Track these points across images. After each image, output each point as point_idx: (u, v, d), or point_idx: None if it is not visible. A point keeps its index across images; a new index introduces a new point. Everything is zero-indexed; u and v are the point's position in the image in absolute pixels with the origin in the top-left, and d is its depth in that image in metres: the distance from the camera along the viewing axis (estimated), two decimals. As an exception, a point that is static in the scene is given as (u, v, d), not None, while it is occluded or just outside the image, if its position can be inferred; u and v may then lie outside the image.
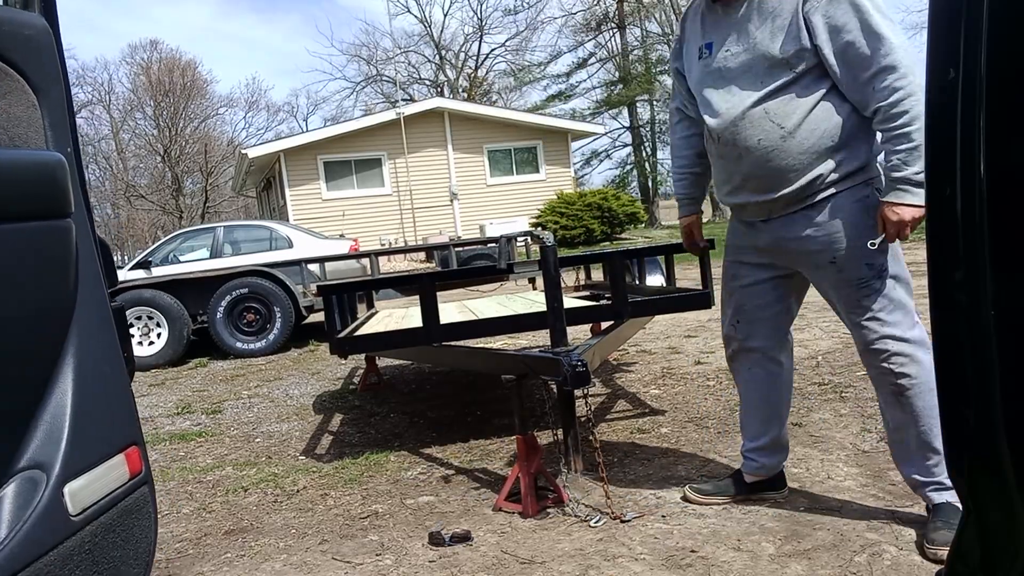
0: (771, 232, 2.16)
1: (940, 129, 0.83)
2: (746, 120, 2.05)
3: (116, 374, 1.41)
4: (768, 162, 2.04)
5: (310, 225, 15.15)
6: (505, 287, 7.83)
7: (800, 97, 1.99)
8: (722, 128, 2.10)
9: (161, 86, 39.75)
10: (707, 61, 2.15)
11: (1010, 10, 0.76)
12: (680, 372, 4.53)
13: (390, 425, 3.97)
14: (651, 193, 33.72)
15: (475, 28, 39.33)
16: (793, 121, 1.99)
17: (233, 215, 42.30)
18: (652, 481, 2.73)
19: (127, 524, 1.38)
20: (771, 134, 2.01)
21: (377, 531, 2.54)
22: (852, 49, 1.89)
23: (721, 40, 2.12)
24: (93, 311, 1.35)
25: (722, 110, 2.10)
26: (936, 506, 2.04)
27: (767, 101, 2.01)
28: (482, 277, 6.75)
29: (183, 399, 5.41)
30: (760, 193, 2.10)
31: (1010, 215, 0.77)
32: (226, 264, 8.88)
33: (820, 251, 2.06)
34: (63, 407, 1.26)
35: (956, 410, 0.87)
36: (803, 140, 1.99)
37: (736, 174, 2.14)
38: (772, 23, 1.99)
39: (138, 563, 1.40)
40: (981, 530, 0.86)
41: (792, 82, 1.99)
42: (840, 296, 2.09)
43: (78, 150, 1.42)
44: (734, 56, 2.07)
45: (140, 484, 1.42)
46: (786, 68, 1.98)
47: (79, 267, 1.32)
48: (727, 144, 2.11)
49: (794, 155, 2.01)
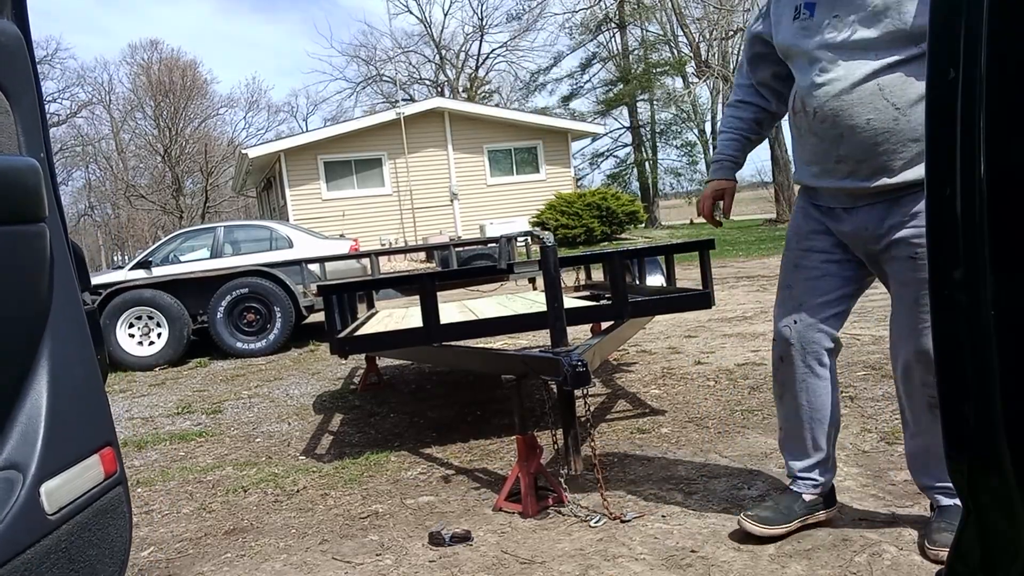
0: (853, 221, 1.97)
1: (940, 129, 0.83)
2: (855, 95, 1.82)
3: (90, 376, 1.44)
4: (876, 146, 1.83)
5: (310, 225, 15.15)
6: (505, 287, 7.83)
7: (921, 76, 1.75)
8: (822, 101, 1.87)
9: (161, 86, 39.78)
10: (806, 23, 1.92)
11: (1010, 10, 0.76)
12: (680, 372, 4.53)
13: (390, 425, 3.97)
14: (651, 193, 33.71)
15: (475, 28, 39.37)
16: (910, 99, 1.78)
17: (233, 215, 42.32)
18: (652, 481, 2.73)
19: (103, 523, 1.40)
20: (884, 114, 1.80)
21: (377, 531, 2.54)
22: None
23: (829, 3, 1.88)
24: (67, 314, 1.38)
25: (824, 80, 1.86)
26: (942, 507, 2.01)
27: (883, 75, 1.79)
28: (482, 277, 6.76)
29: (183, 399, 5.41)
30: (858, 179, 1.89)
31: (1010, 215, 0.77)
32: (226, 264, 8.88)
33: (904, 243, 1.89)
34: (38, 408, 1.28)
35: (956, 410, 0.87)
36: (918, 124, 1.78)
37: (831, 154, 1.91)
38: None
39: (113, 562, 1.43)
40: (981, 530, 0.86)
41: (914, 59, 1.78)
42: (908, 296, 1.92)
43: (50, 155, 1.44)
44: (845, 23, 1.84)
45: (115, 484, 1.45)
46: (910, 42, 1.77)
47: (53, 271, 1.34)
48: (825, 120, 1.88)
49: (905, 140, 1.81)
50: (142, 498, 3.18)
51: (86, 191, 48.16)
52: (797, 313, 2.10)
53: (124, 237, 48.02)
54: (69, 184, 48.77)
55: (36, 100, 1.39)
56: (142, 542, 2.68)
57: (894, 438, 2.92)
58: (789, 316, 2.12)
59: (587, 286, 5.01)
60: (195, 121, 41.91)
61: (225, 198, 42.56)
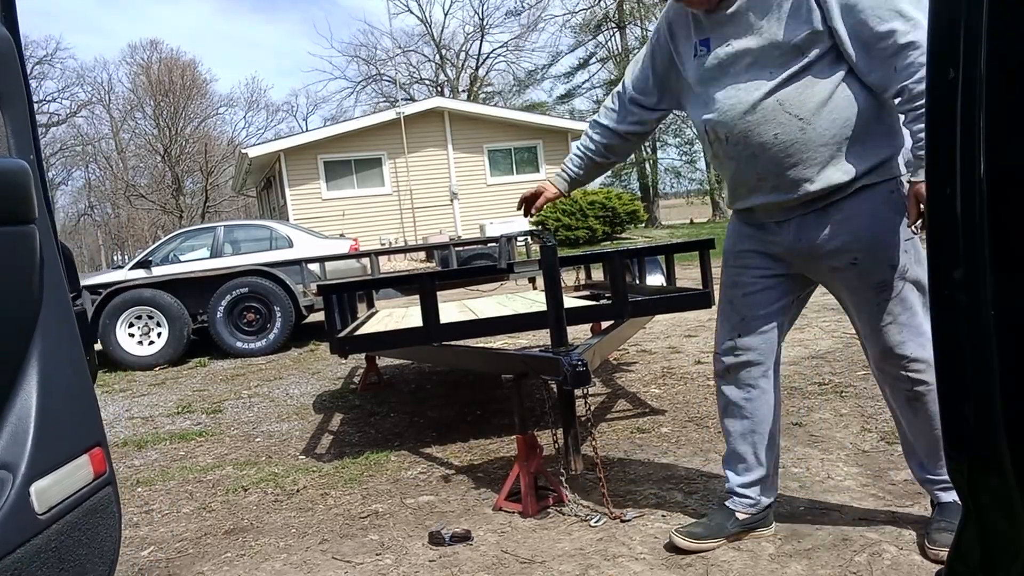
0: (787, 234, 2.01)
1: (940, 129, 0.83)
2: (758, 114, 1.89)
3: (80, 377, 1.45)
4: (789, 157, 1.89)
5: (310, 225, 15.15)
6: (505, 287, 7.83)
7: (816, 84, 1.84)
8: (730, 126, 1.94)
9: (161, 86, 39.78)
10: (703, 59, 2.00)
11: (1010, 10, 0.76)
12: (680, 372, 4.52)
13: (390, 425, 3.97)
14: (651, 193, 33.72)
15: (476, 28, 39.36)
16: (810, 108, 1.85)
17: (233, 215, 42.31)
18: (652, 481, 2.73)
19: (92, 523, 1.42)
20: (788, 127, 1.87)
21: (377, 531, 2.54)
22: (867, 28, 1.75)
23: (720, 36, 1.96)
24: (57, 315, 1.39)
25: (727, 107, 1.94)
26: (942, 504, 2.02)
27: (780, 90, 1.87)
28: (482, 277, 6.75)
29: (183, 399, 5.41)
30: (779, 193, 1.94)
31: (1010, 215, 0.77)
32: (226, 264, 8.88)
33: (841, 252, 1.93)
34: (28, 409, 1.30)
35: (956, 410, 0.87)
36: (824, 131, 1.85)
37: (750, 174, 1.98)
38: (779, 9, 1.85)
39: (103, 561, 1.45)
40: (981, 530, 0.86)
41: (806, 68, 1.84)
42: (859, 300, 1.97)
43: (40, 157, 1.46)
44: (736, 49, 1.92)
45: (104, 484, 1.48)
46: (798, 54, 1.84)
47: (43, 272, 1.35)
48: (737, 143, 1.95)
49: (815, 148, 1.87)
50: (142, 498, 3.18)
51: (86, 191, 48.16)
52: (738, 328, 2.14)
53: (124, 237, 48.01)
54: (69, 184, 48.79)
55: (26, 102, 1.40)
56: (142, 542, 2.68)
57: (894, 438, 2.92)
58: (732, 331, 2.15)
59: (587, 286, 5.01)
60: (195, 121, 41.91)
61: (225, 198, 42.54)
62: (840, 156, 1.87)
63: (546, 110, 33.08)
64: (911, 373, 1.95)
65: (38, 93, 42.74)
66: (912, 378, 1.95)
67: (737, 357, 2.14)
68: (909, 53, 1.72)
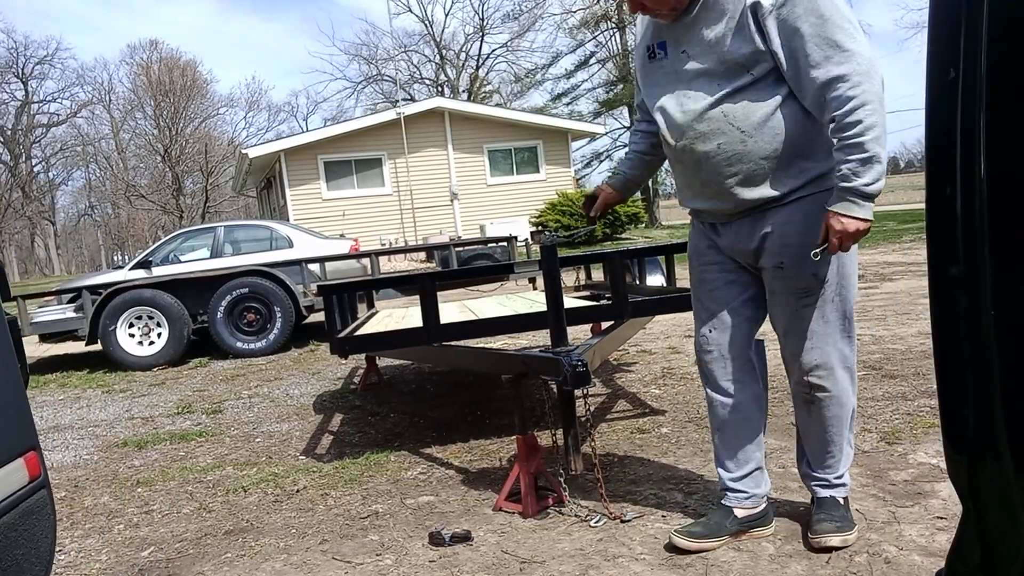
0: (728, 235, 2.10)
1: (940, 129, 0.83)
2: (704, 123, 1.96)
3: (13, 383, 1.48)
4: (730, 166, 1.96)
5: (310, 225, 15.14)
6: (505, 287, 7.83)
7: (759, 100, 1.90)
8: (679, 133, 2.01)
9: (161, 86, 39.78)
10: (661, 62, 2.05)
11: (1010, 10, 0.76)
12: (680, 372, 4.52)
13: (390, 425, 3.97)
14: (651, 193, 33.70)
15: (476, 28, 39.35)
16: (753, 123, 1.91)
17: (233, 215, 42.31)
18: (652, 481, 2.73)
19: (28, 524, 1.45)
20: (731, 137, 1.93)
21: (377, 531, 2.54)
22: (803, 56, 1.82)
23: (675, 40, 2.01)
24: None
25: (677, 113, 2.01)
26: (820, 499, 2.17)
27: (724, 103, 1.93)
28: (482, 277, 6.75)
29: (183, 399, 5.41)
30: (721, 200, 2.03)
31: (1010, 215, 0.77)
32: (226, 264, 8.88)
33: (769, 256, 2.02)
34: None
35: (956, 410, 0.87)
36: (765, 144, 1.92)
37: (695, 179, 2.05)
38: (725, 24, 1.90)
39: (39, 561, 1.48)
40: (981, 530, 0.86)
41: (750, 85, 1.91)
42: (779, 301, 2.06)
43: None
44: (690, 58, 1.97)
45: (39, 487, 1.50)
46: (743, 71, 1.90)
47: None
48: (685, 150, 2.02)
49: (755, 160, 1.93)
50: (142, 498, 3.18)
51: (86, 191, 48.19)
52: (711, 323, 2.20)
53: (124, 237, 48.03)
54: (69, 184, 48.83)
55: None
56: (142, 542, 2.68)
57: (894, 438, 2.92)
58: (704, 327, 2.21)
59: (587, 286, 5.01)
60: (195, 121, 41.93)
61: (225, 198, 42.56)
62: (779, 170, 1.94)
63: (546, 110, 33.08)
64: (811, 378, 2.06)
65: (38, 93, 42.83)
66: (811, 383, 2.07)
67: (713, 352, 2.19)
68: (838, 85, 1.78)
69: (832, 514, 2.10)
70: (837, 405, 2.08)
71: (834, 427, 2.10)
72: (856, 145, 1.77)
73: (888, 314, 5.71)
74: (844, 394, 2.09)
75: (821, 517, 2.10)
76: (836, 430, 2.11)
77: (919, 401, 3.37)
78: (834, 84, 1.78)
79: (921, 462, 2.65)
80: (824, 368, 2.04)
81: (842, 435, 2.13)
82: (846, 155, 1.79)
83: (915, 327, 5.09)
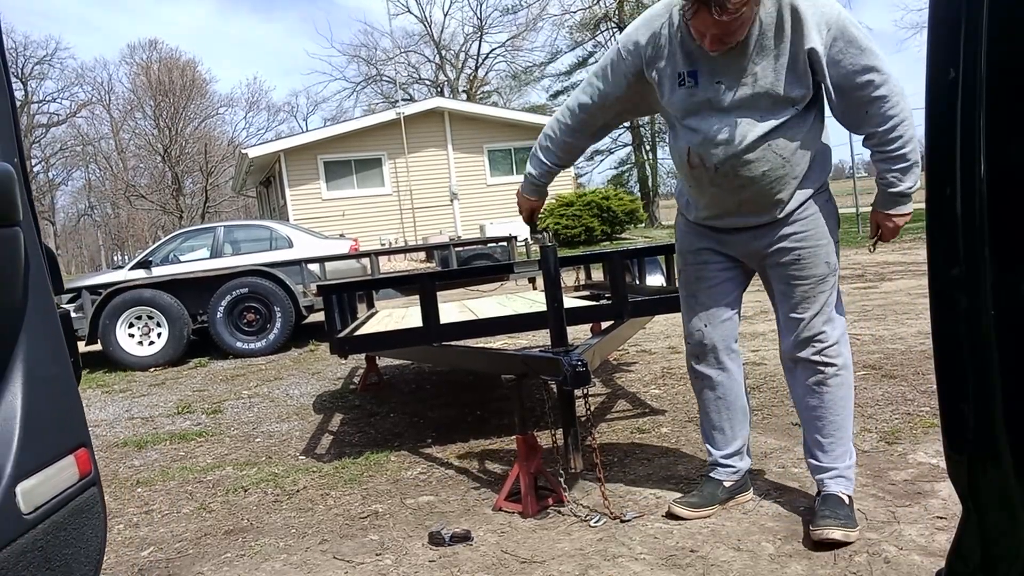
0: (741, 240, 2.28)
1: (940, 129, 0.83)
2: (751, 153, 2.10)
3: (65, 378, 1.46)
4: (771, 190, 2.15)
5: (310, 225, 15.14)
6: (505, 287, 7.83)
7: (799, 128, 2.11)
8: (721, 159, 2.13)
9: (161, 86, 39.75)
10: (692, 90, 2.15)
11: (1010, 10, 0.76)
12: (680, 372, 4.52)
13: (390, 425, 3.97)
14: (651, 193, 33.69)
15: (475, 28, 39.35)
16: (791, 149, 2.12)
17: (233, 215, 42.31)
18: (652, 481, 2.73)
19: (78, 523, 1.43)
20: (774, 164, 2.11)
21: (377, 531, 2.54)
22: (849, 82, 2.01)
23: (710, 71, 2.10)
24: (41, 317, 1.40)
25: (721, 142, 2.12)
26: (825, 495, 2.22)
27: (771, 136, 2.09)
28: (482, 277, 6.75)
29: (183, 399, 5.40)
30: (756, 216, 2.21)
31: (1010, 215, 0.77)
32: (226, 264, 8.88)
33: (788, 250, 2.21)
34: (14, 410, 1.30)
35: (956, 409, 0.87)
36: (796, 165, 2.14)
37: (732, 201, 2.21)
38: (775, 61, 2.04)
39: (88, 561, 1.45)
40: (981, 530, 0.86)
41: (794, 117, 2.09)
42: (791, 290, 2.23)
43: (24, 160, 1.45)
44: (731, 90, 2.09)
45: (90, 485, 1.48)
46: (789, 105, 2.08)
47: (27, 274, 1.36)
48: (726, 175, 2.15)
49: (790, 180, 2.15)
50: (142, 498, 3.18)
51: (86, 191, 48.15)
52: (706, 317, 2.39)
53: (124, 237, 48.01)
54: (69, 184, 48.79)
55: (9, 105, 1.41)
56: (142, 542, 2.68)
57: (894, 438, 2.92)
58: (699, 321, 2.41)
59: (587, 286, 5.01)
60: (195, 121, 41.90)
61: (225, 198, 42.54)
62: (803, 181, 2.18)
63: (546, 110, 33.05)
64: (824, 357, 2.23)
65: (38, 93, 42.78)
66: (824, 361, 2.23)
67: (708, 343, 2.40)
68: (882, 104, 2.00)
69: (836, 511, 2.14)
70: (844, 384, 2.26)
71: (843, 409, 2.26)
72: (899, 156, 2.04)
73: (888, 314, 5.71)
74: (848, 370, 2.27)
75: (825, 512, 2.15)
76: (845, 413, 2.27)
77: (919, 401, 3.37)
78: (878, 103, 2.00)
79: (921, 462, 2.65)
80: (834, 344, 2.23)
81: (849, 419, 2.28)
82: (891, 165, 2.06)
83: (915, 327, 5.09)
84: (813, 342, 2.22)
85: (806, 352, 2.24)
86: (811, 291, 2.21)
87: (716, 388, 2.42)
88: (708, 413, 2.46)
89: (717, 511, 2.36)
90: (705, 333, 2.39)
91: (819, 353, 2.22)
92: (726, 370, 2.40)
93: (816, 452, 2.28)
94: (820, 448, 2.27)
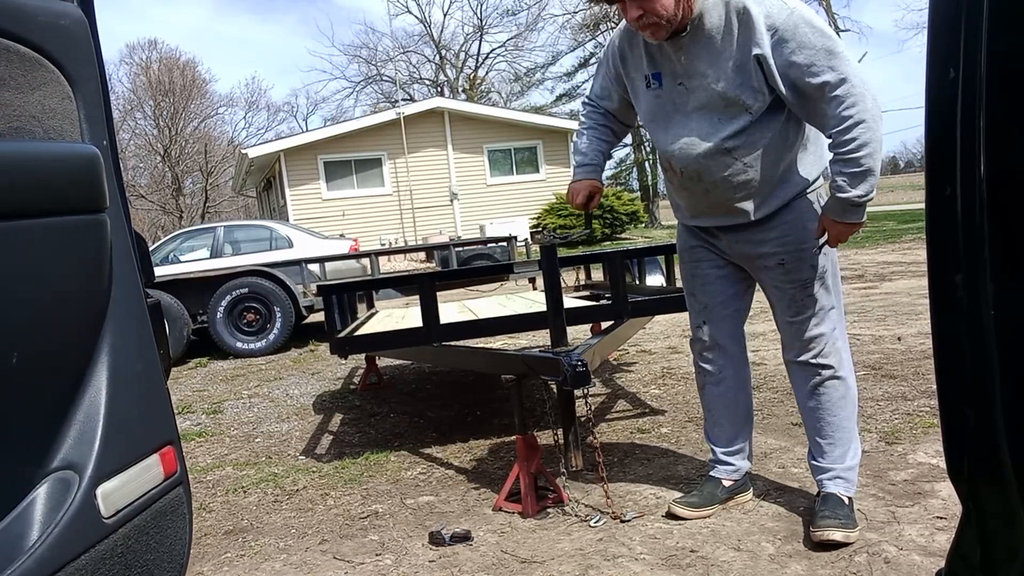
0: (727, 241, 2.29)
1: (940, 129, 0.83)
2: (709, 159, 2.11)
3: (151, 372, 1.36)
4: (736, 192, 2.14)
5: (310, 225, 15.14)
6: (505, 287, 7.82)
7: (759, 134, 2.07)
8: (684, 164, 2.16)
9: (161, 86, 39.71)
10: (657, 92, 2.18)
11: (1010, 10, 0.76)
12: (680, 372, 4.52)
13: (390, 425, 3.97)
14: (651, 193, 33.68)
15: (475, 28, 39.33)
16: (755, 155, 2.09)
17: (233, 215, 42.27)
18: (652, 481, 2.73)
19: (161, 526, 1.33)
20: (735, 168, 2.11)
21: (377, 531, 2.54)
22: (803, 83, 1.96)
23: (670, 72, 2.13)
24: (128, 308, 1.31)
25: (682, 146, 2.14)
26: (826, 495, 2.21)
27: (729, 142, 2.08)
28: (482, 277, 6.75)
29: (183, 399, 5.40)
30: (729, 218, 2.21)
31: (1010, 215, 0.77)
32: (226, 264, 8.88)
33: (771, 255, 2.20)
34: (97, 406, 1.22)
35: (956, 410, 0.87)
36: (765, 169, 2.11)
37: (703, 202, 2.24)
38: (725, 62, 2.02)
39: (172, 566, 1.36)
40: (981, 530, 0.86)
41: (753, 123, 2.06)
42: (782, 295, 2.24)
43: (114, 143, 1.37)
44: (690, 92, 2.10)
45: (175, 484, 1.38)
46: (744, 111, 2.05)
47: (114, 263, 1.28)
48: (692, 178, 2.18)
49: (758, 183, 2.13)
50: (142, 498, 3.17)
51: (86, 191, 48.02)
52: (704, 314, 2.40)
53: (124, 237, 47.90)
54: (69, 184, 48.66)
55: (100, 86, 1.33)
56: (142, 542, 2.68)
57: (894, 438, 2.92)
58: (698, 317, 2.42)
59: (587, 286, 5.01)
60: (195, 121, 41.85)
61: (225, 198, 42.52)
62: (779, 185, 2.14)
63: (546, 110, 33.06)
64: (821, 359, 2.23)
65: (38, 93, 42.71)
66: (821, 363, 2.23)
67: (708, 339, 2.40)
68: (837, 105, 1.92)
69: (836, 511, 2.14)
70: (842, 385, 2.24)
71: (841, 410, 2.24)
72: (851, 160, 1.92)
73: (888, 314, 5.70)
74: (846, 371, 2.26)
75: (825, 513, 2.15)
76: (844, 414, 2.25)
77: (919, 401, 3.37)
78: (833, 103, 1.92)
79: (921, 462, 2.65)
80: (828, 346, 2.22)
81: (850, 420, 2.26)
82: (842, 168, 1.95)
83: (915, 327, 5.08)
84: (808, 345, 2.23)
85: (801, 355, 2.25)
86: (800, 294, 2.20)
87: (717, 384, 2.43)
88: (710, 409, 2.47)
89: (717, 511, 2.37)
90: (704, 329, 2.41)
91: (814, 356, 2.23)
92: (728, 367, 2.40)
93: (816, 453, 2.29)
94: (820, 449, 2.28)
